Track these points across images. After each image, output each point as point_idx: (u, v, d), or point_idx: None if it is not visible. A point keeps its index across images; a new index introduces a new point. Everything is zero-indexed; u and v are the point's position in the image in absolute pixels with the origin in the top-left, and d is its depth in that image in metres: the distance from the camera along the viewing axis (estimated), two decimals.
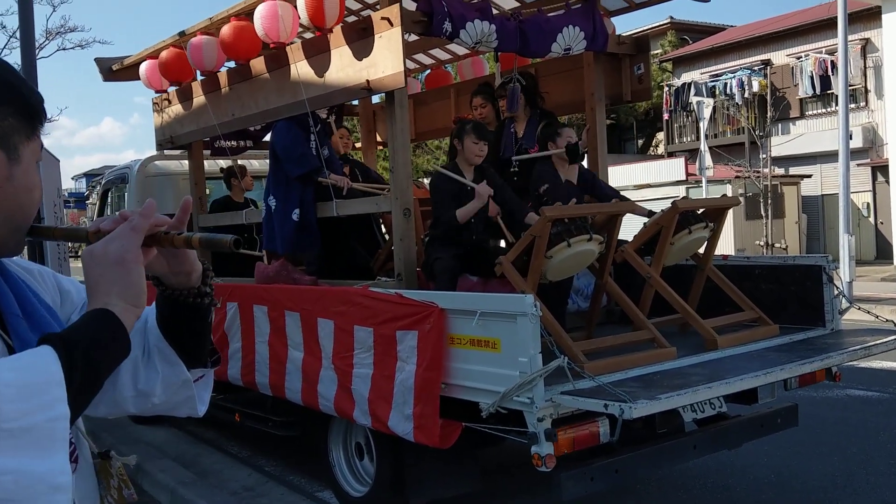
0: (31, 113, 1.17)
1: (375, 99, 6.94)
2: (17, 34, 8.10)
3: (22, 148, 1.16)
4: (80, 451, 1.26)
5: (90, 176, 40.55)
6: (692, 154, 21.46)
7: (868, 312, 4.98)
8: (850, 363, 5.00)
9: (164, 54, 6.20)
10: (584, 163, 6.19)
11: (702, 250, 5.11)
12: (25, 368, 0.95)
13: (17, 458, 0.90)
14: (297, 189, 5.47)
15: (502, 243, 5.43)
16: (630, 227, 5.04)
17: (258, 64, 5.62)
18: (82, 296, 1.32)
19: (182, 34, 6.04)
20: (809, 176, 21.76)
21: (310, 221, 5.48)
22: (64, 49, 18.91)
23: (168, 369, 1.31)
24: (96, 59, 7.30)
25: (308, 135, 5.49)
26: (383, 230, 6.37)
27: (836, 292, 4.90)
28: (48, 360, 0.96)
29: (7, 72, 1.17)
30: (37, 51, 11.07)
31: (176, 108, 6.68)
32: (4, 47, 20.29)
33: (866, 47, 20.96)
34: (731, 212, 5.42)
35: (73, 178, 54.15)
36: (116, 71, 7.10)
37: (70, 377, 0.96)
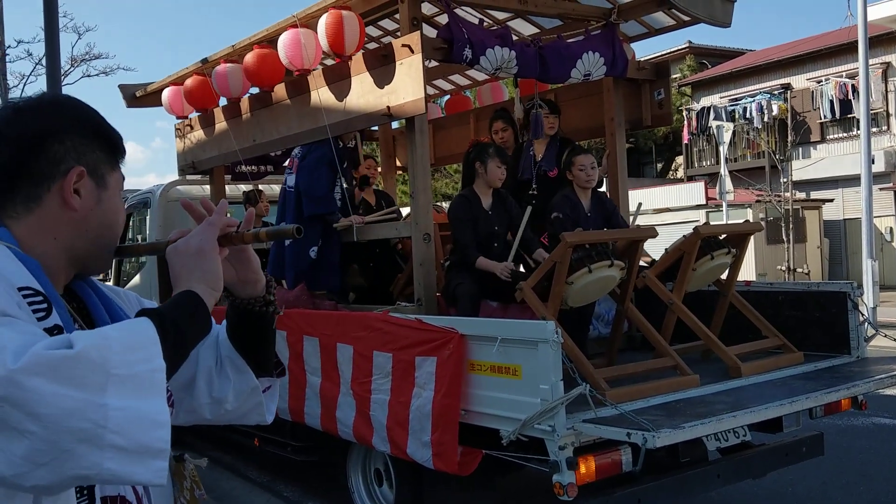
0: (114, 147, 1.38)
1: (395, 124, 6.99)
2: (44, 61, 8.21)
3: (108, 177, 1.36)
4: None
5: None
6: (712, 178, 21.36)
7: (894, 340, 4.91)
8: (877, 391, 4.91)
9: (188, 82, 6.27)
10: (604, 187, 6.18)
11: (724, 276, 5.07)
12: (128, 329, 1.15)
13: (125, 399, 1.07)
14: (319, 224, 5.42)
15: (521, 268, 5.41)
16: (651, 252, 5.01)
17: (280, 90, 5.67)
18: None
19: (205, 61, 6.12)
20: (831, 200, 21.60)
21: (329, 261, 5.41)
22: (89, 76, 19.31)
23: (238, 377, 1.48)
24: (120, 86, 7.41)
25: (336, 176, 5.47)
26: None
27: (861, 319, 4.84)
28: (146, 326, 1.15)
29: (93, 113, 1.37)
30: (62, 77, 11.23)
31: (198, 134, 6.74)
32: (31, 74, 20.67)
33: (887, 71, 20.85)
34: (752, 236, 5.37)
35: None
36: (140, 97, 7.20)
37: (164, 339, 1.15)
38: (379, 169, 7.89)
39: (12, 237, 1.27)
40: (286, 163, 6.14)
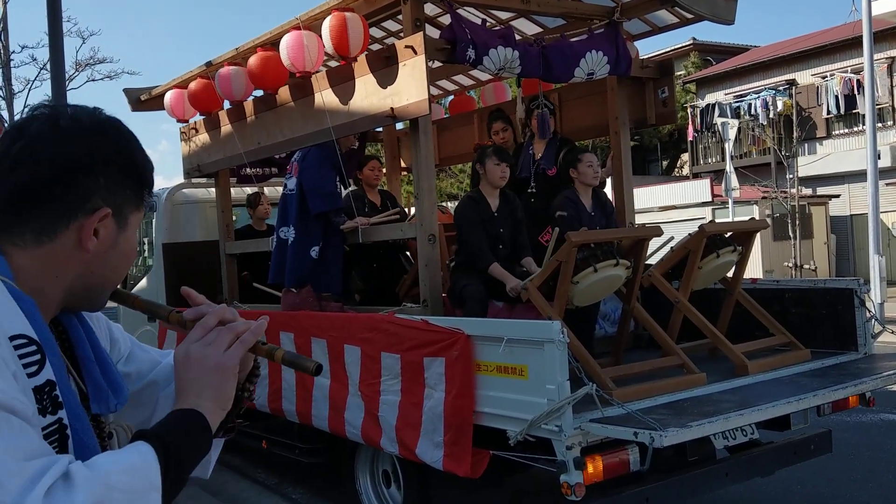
0: (144, 185, 1.27)
1: (399, 125, 6.99)
2: (48, 66, 8.25)
3: (131, 217, 1.26)
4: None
5: None
6: (718, 175, 21.33)
7: None
8: (885, 388, 4.90)
9: (192, 85, 6.29)
10: (609, 186, 6.17)
11: (730, 274, 5.06)
12: (130, 471, 1.08)
13: None
14: (321, 224, 5.37)
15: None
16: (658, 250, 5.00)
17: (284, 93, 5.68)
18: (128, 346, 1.45)
19: (209, 64, 6.12)
20: (837, 196, 21.53)
21: (330, 261, 5.37)
22: (93, 80, 19.53)
23: None
24: (125, 90, 7.42)
25: (338, 173, 5.45)
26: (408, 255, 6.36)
27: (868, 315, 4.83)
28: (150, 466, 1.10)
29: (134, 144, 1.26)
30: (67, 82, 11.28)
31: (203, 137, 6.76)
32: (36, 79, 20.79)
33: (892, 66, 20.77)
34: (758, 233, 5.36)
35: None
36: (144, 101, 7.22)
37: (165, 476, 1.11)
38: (384, 170, 7.91)
39: (9, 268, 1.16)
40: (288, 166, 6.15)
